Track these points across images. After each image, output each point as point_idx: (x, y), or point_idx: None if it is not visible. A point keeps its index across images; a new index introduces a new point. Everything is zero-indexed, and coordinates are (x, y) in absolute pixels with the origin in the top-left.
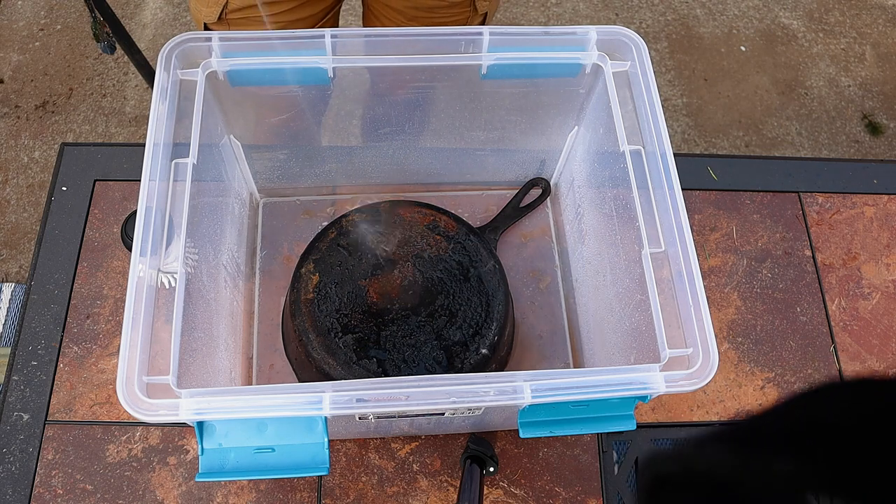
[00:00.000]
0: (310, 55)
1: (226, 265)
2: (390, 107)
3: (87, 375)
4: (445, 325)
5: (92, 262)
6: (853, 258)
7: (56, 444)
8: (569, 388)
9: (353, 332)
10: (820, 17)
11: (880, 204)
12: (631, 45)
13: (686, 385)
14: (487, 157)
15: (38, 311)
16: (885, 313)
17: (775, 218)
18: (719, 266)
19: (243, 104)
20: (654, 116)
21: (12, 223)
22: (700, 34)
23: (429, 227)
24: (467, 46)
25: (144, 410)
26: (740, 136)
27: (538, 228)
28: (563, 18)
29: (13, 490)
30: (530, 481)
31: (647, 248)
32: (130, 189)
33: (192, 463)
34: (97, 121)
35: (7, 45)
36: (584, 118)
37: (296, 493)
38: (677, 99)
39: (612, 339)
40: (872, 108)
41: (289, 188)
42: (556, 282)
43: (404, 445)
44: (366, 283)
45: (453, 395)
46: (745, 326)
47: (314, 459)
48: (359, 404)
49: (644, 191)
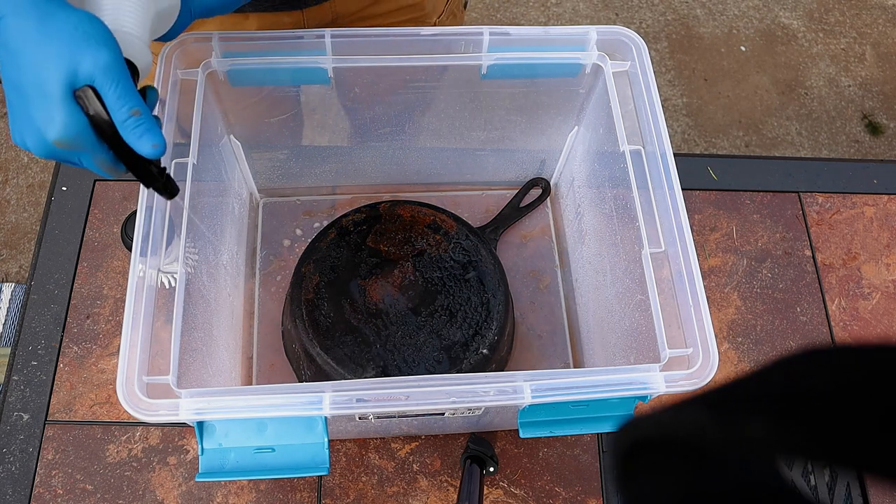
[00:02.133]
0: (310, 55)
1: (226, 265)
2: (390, 107)
3: (87, 375)
4: (445, 325)
5: (92, 262)
6: (853, 258)
7: (56, 444)
8: (569, 388)
9: (353, 332)
10: (820, 17)
11: (880, 204)
12: (631, 45)
13: (686, 385)
14: (487, 157)
15: (38, 311)
16: (885, 313)
17: (775, 218)
18: (719, 266)
19: (243, 104)
20: (654, 116)
21: (12, 223)
22: (700, 34)
23: (429, 227)
24: (467, 46)
25: (144, 410)
26: (740, 136)
27: (538, 228)
28: (563, 18)
29: (13, 490)
30: (530, 481)
31: (647, 248)
32: (130, 189)
33: (192, 463)
34: None
35: None
36: (584, 118)
37: (296, 493)
38: (677, 99)
39: (612, 339)
40: (872, 108)
41: (289, 188)
42: (556, 282)
43: (404, 445)
44: (366, 283)
45: (453, 395)
46: (745, 326)
47: (314, 459)
48: (359, 404)
49: (644, 191)
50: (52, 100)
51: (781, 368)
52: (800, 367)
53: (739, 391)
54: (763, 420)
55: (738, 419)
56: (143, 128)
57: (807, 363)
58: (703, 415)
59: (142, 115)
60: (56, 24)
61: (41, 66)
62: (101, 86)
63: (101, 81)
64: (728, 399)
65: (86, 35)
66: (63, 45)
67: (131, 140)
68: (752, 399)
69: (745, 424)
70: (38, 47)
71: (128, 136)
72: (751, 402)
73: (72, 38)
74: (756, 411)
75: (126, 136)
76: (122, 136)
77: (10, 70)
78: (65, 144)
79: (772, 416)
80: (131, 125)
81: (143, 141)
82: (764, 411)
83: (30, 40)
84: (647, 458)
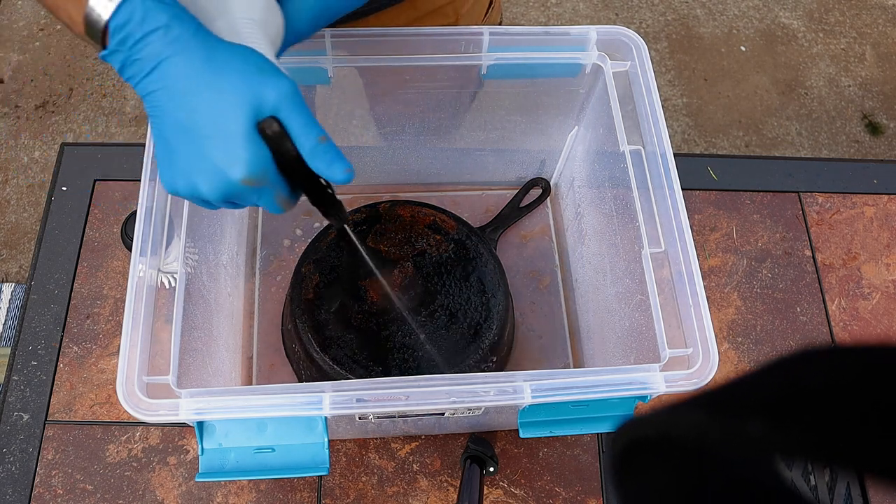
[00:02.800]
0: (310, 55)
1: (226, 265)
2: (390, 107)
3: (87, 375)
4: (445, 326)
5: (92, 262)
6: (853, 258)
7: (56, 444)
8: (569, 388)
9: (354, 332)
10: (820, 17)
11: (880, 204)
12: (631, 45)
13: (686, 385)
14: (487, 157)
15: (38, 311)
16: (885, 313)
17: (775, 218)
18: (719, 266)
19: None
20: (654, 116)
21: (12, 223)
22: (700, 34)
23: (429, 227)
24: (467, 46)
25: (144, 410)
26: (740, 136)
27: (538, 228)
28: (563, 18)
29: (13, 490)
30: (530, 481)
31: (647, 248)
32: (130, 189)
33: (192, 463)
34: (97, 121)
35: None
36: (584, 118)
37: (296, 493)
38: (677, 99)
39: (612, 339)
40: (872, 108)
41: None
42: (556, 282)
43: (404, 445)
44: (366, 283)
45: (453, 395)
46: (745, 326)
47: (314, 459)
48: (359, 404)
49: (644, 191)
50: (236, 137)
51: (780, 368)
52: (798, 367)
53: (737, 391)
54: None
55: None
56: (332, 154)
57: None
58: (701, 414)
59: (328, 141)
60: (226, 60)
61: (219, 103)
62: (286, 116)
63: (286, 111)
64: (726, 399)
65: (259, 67)
66: (241, 79)
67: (320, 167)
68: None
69: (742, 424)
70: (215, 84)
71: (317, 164)
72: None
73: (248, 72)
74: (754, 411)
75: (315, 164)
76: (308, 164)
77: (176, 114)
78: (253, 182)
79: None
80: (321, 153)
81: (334, 168)
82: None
83: (201, 79)
84: (644, 458)
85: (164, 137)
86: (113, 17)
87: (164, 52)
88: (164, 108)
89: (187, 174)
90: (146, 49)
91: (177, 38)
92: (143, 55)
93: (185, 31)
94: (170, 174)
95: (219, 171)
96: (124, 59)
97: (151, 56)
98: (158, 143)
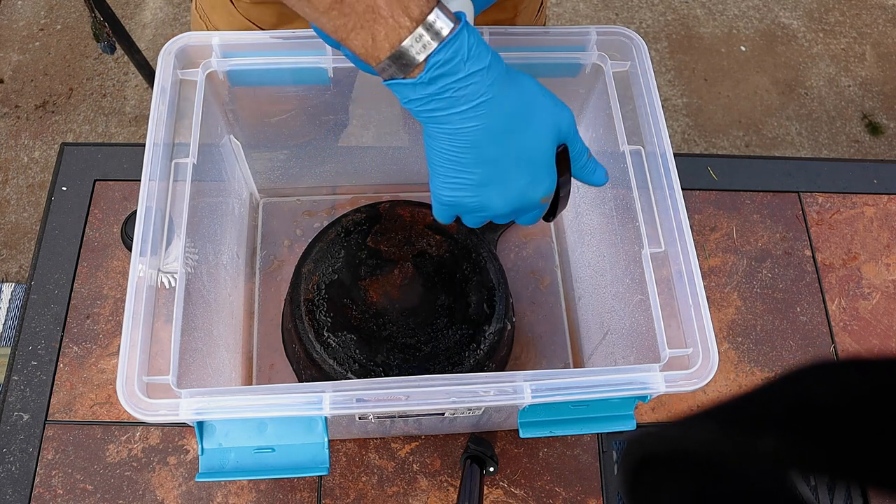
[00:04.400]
0: (310, 55)
1: (226, 265)
2: (390, 106)
3: (87, 375)
4: (445, 325)
5: (92, 262)
6: (853, 258)
7: (56, 444)
8: (569, 388)
9: (354, 332)
10: (820, 17)
11: (880, 204)
12: (631, 45)
13: (686, 385)
14: None
15: (38, 311)
16: (885, 313)
17: (775, 218)
18: (719, 266)
19: (243, 104)
20: (654, 116)
21: (12, 223)
22: (700, 34)
23: (429, 227)
24: None
25: (144, 410)
26: (740, 136)
27: (538, 228)
28: (563, 18)
29: (13, 490)
30: (530, 481)
31: (647, 248)
32: (130, 189)
33: (192, 463)
34: (97, 121)
35: (7, 45)
36: (584, 118)
37: (296, 493)
38: (677, 99)
39: (611, 339)
40: (872, 108)
41: (289, 188)
42: (556, 282)
43: (404, 445)
44: (366, 283)
45: (453, 395)
46: (745, 326)
47: (314, 459)
48: (359, 404)
49: (644, 191)
50: (544, 164)
51: (791, 382)
52: (810, 382)
53: (749, 405)
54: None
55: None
56: (595, 165)
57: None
58: (713, 429)
59: (592, 156)
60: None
61: (533, 140)
62: (572, 141)
63: (572, 137)
64: (737, 413)
65: (553, 101)
66: (548, 112)
67: (587, 176)
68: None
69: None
70: (531, 127)
71: (586, 174)
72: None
73: (548, 107)
74: (766, 426)
75: (584, 174)
76: (577, 175)
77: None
78: (546, 199)
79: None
80: (591, 166)
81: (597, 174)
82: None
83: (521, 114)
84: (657, 473)
85: (456, 161)
86: (437, 52)
87: (487, 94)
88: (477, 143)
89: (487, 196)
90: (468, 88)
91: (495, 80)
92: (464, 93)
93: (500, 72)
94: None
95: (523, 192)
96: (436, 92)
97: (472, 95)
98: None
